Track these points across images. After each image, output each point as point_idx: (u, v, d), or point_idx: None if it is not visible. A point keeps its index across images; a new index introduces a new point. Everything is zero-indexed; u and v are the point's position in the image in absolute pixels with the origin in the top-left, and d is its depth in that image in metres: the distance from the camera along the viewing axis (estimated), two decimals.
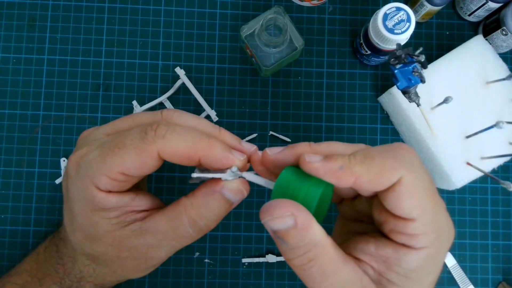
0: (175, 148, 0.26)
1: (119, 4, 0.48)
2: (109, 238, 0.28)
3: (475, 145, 0.42)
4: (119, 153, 0.26)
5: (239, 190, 0.27)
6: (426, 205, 0.23)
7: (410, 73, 0.36)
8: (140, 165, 0.26)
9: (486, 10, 0.46)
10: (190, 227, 0.27)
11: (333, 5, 0.50)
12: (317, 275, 0.23)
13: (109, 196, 0.27)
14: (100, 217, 0.28)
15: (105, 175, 0.26)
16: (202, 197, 0.27)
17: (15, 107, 0.47)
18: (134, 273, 0.31)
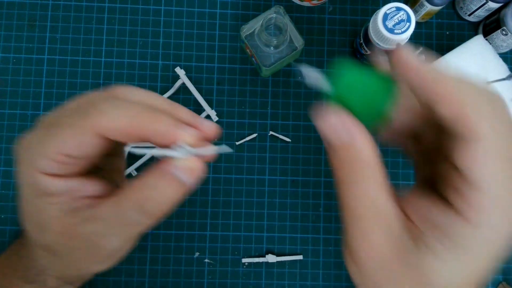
0: (112, 123, 0.23)
1: (119, 4, 0.49)
2: (57, 225, 0.25)
3: None
4: (55, 132, 0.24)
5: (191, 169, 0.24)
6: (498, 175, 0.19)
7: None
8: (78, 144, 0.24)
9: (486, 10, 0.46)
10: (136, 211, 0.24)
11: (333, 5, 0.50)
12: (356, 196, 0.21)
13: (54, 180, 0.24)
14: (46, 202, 0.25)
15: (45, 157, 0.24)
16: (149, 177, 0.24)
17: (15, 107, 0.47)
18: (91, 265, 0.28)
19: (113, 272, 0.45)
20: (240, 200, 0.47)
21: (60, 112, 0.26)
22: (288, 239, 0.47)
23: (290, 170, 0.47)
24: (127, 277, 0.45)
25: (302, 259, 0.46)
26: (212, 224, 0.47)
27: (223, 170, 0.47)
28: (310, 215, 0.47)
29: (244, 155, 0.47)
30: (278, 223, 0.47)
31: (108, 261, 0.28)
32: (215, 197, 0.47)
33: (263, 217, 0.47)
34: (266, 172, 0.47)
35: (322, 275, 0.46)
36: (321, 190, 0.47)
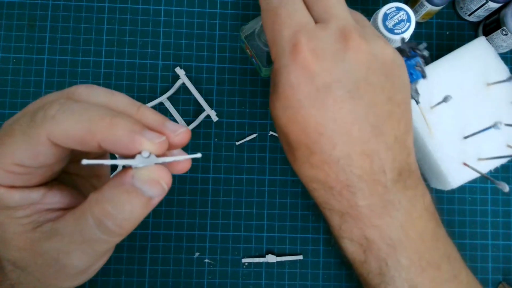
0: (65, 130, 0.21)
1: (119, 4, 0.48)
2: (19, 241, 0.23)
3: (472, 146, 0.42)
4: (7, 141, 0.22)
5: (154, 180, 0.21)
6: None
7: (413, 67, 0.36)
8: (31, 154, 0.21)
9: (486, 10, 0.46)
10: (96, 228, 0.22)
11: None
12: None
13: (11, 192, 0.22)
14: (5, 216, 0.23)
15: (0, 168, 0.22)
16: (108, 190, 0.22)
17: (15, 107, 0.47)
18: (60, 282, 0.26)
19: (113, 272, 0.45)
20: (240, 200, 0.47)
21: (15, 119, 0.23)
22: (288, 239, 0.47)
23: (290, 170, 0.47)
24: (127, 277, 0.45)
25: (302, 259, 0.46)
26: (212, 224, 0.47)
27: (223, 170, 0.47)
28: (310, 215, 0.47)
29: (244, 155, 0.47)
30: (278, 223, 0.47)
31: (79, 278, 0.26)
32: (215, 197, 0.47)
33: (263, 217, 0.47)
34: (266, 172, 0.47)
35: (322, 275, 0.46)
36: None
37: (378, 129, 0.29)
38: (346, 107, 0.28)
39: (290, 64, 0.28)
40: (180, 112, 0.48)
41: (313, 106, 0.28)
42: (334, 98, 0.28)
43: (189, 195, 0.47)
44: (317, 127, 0.28)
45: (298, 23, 0.29)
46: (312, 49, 0.27)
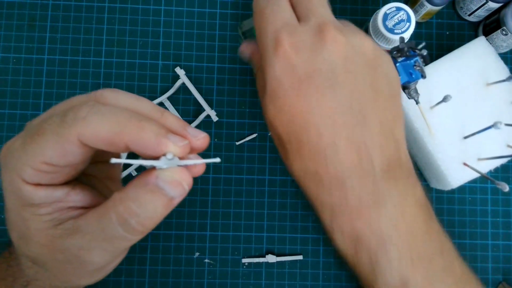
0: (95, 131, 0.22)
1: (119, 4, 0.49)
2: (41, 237, 0.24)
3: (472, 146, 0.42)
4: (38, 140, 0.23)
5: (176, 181, 0.23)
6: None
7: (412, 67, 0.36)
8: (61, 153, 0.22)
9: (486, 10, 0.46)
10: (119, 225, 0.23)
11: (333, 5, 0.49)
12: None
13: (37, 189, 0.24)
14: (30, 213, 0.24)
15: (28, 165, 0.23)
16: (132, 189, 0.23)
17: (15, 107, 0.47)
18: (78, 279, 0.27)
19: (113, 272, 0.45)
20: (240, 200, 0.47)
21: (44, 118, 0.24)
22: (288, 239, 0.47)
23: None
24: (127, 277, 0.45)
25: (302, 259, 0.46)
26: (212, 224, 0.47)
27: (223, 170, 0.47)
28: (310, 215, 0.47)
29: (244, 155, 0.47)
30: (278, 223, 0.47)
31: (96, 275, 0.27)
32: (215, 197, 0.47)
33: (263, 217, 0.47)
34: (266, 172, 0.47)
35: (322, 275, 0.46)
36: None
37: (362, 116, 0.29)
38: (327, 94, 0.29)
39: (273, 58, 0.30)
40: (180, 112, 0.48)
41: (297, 95, 0.29)
42: (316, 86, 0.29)
43: (189, 195, 0.46)
44: (303, 115, 0.29)
45: (281, 21, 0.31)
46: (292, 43, 0.29)
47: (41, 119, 0.24)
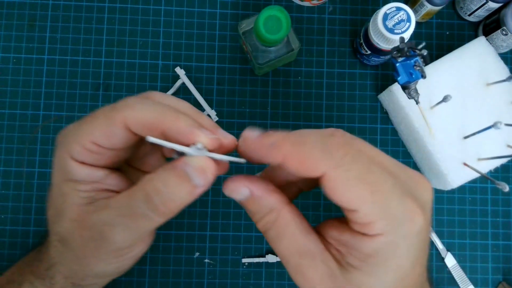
0: (139, 117, 0.25)
1: (119, 4, 0.48)
2: (74, 212, 0.27)
3: (472, 146, 0.42)
4: (90, 121, 0.26)
5: (202, 169, 0.25)
6: (363, 196, 0.23)
7: (412, 67, 0.36)
8: (107, 134, 0.26)
9: (486, 10, 0.46)
10: (144, 202, 0.25)
11: (333, 5, 0.50)
12: (274, 236, 0.25)
13: (81, 167, 0.26)
14: (70, 187, 0.27)
15: (78, 143, 0.26)
16: (161, 171, 0.25)
17: (15, 107, 0.47)
18: (97, 261, 0.28)
19: None
20: None
21: (100, 108, 0.28)
22: None
23: None
24: (127, 277, 0.45)
25: None
26: (212, 224, 0.47)
27: None
28: (310, 215, 0.47)
29: None
30: None
31: (113, 260, 0.28)
32: (215, 197, 0.47)
33: None
34: None
35: None
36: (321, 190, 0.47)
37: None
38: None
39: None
40: None
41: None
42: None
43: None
44: None
45: None
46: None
47: (96, 110, 0.27)
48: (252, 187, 0.26)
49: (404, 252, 0.24)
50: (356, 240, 0.24)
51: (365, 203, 0.23)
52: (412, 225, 0.24)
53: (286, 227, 0.25)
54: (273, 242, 0.26)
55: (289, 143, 0.24)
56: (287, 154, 0.24)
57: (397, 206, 0.23)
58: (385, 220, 0.23)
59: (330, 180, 0.23)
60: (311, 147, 0.24)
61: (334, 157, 0.23)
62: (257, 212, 0.26)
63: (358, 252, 0.24)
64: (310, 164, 0.23)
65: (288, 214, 0.26)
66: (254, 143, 0.26)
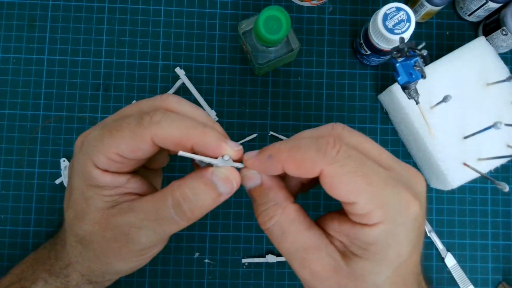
0: (168, 134, 0.26)
1: (119, 4, 0.48)
2: (97, 215, 0.28)
3: (472, 146, 0.42)
4: (116, 134, 0.27)
5: (228, 178, 0.27)
6: (359, 188, 0.24)
7: (412, 67, 0.36)
8: (134, 148, 0.27)
9: (486, 10, 0.46)
10: (172, 207, 0.27)
11: (333, 5, 0.50)
12: (279, 233, 0.26)
13: (104, 174, 0.28)
14: (94, 192, 0.28)
15: (102, 154, 0.27)
16: (189, 179, 0.27)
17: (15, 107, 0.47)
18: (117, 260, 0.30)
19: None
20: (240, 200, 0.47)
21: (117, 118, 0.29)
22: None
23: None
24: (127, 277, 0.45)
25: None
26: (212, 224, 0.47)
27: None
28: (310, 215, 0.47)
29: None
30: None
31: (134, 258, 0.30)
32: None
33: None
34: None
35: None
36: (321, 190, 0.47)
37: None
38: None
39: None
40: None
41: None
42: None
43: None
44: None
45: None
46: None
47: (115, 118, 0.29)
48: (264, 177, 0.28)
49: (402, 239, 0.25)
50: (356, 230, 0.25)
51: (362, 194, 0.24)
52: (408, 213, 0.25)
53: (291, 224, 0.26)
54: (278, 239, 0.27)
55: (284, 151, 0.26)
56: (285, 161, 0.26)
57: (392, 195, 0.25)
58: (382, 209, 0.24)
59: (327, 176, 0.25)
60: (306, 150, 0.25)
61: (328, 155, 0.25)
62: (263, 203, 0.27)
63: (359, 241, 0.25)
64: (307, 166, 0.25)
65: (293, 211, 0.27)
66: (254, 161, 0.27)
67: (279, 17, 0.38)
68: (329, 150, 0.25)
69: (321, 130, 0.28)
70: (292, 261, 0.27)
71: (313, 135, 0.27)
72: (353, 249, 0.26)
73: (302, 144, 0.26)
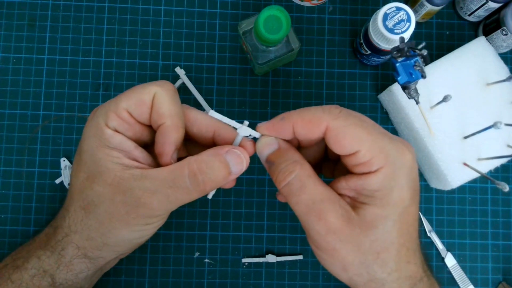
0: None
1: (119, 4, 0.48)
2: (109, 176, 0.30)
3: (472, 146, 0.42)
4: (127, 93, 0.31)
5: (240, 158, 0.31)
6: (361, 136, 0.28)
7: (412, 67, 0.36)
8: (139, 102, 0.30)
9: (486, 10, 0.46)
10: (188, 177, 0.29)
11: (333, 5, 0.50)
12: (297, 187, 0.29)
13: (114, 133, 0.30)
14: (104, 153, 0.30)
15: (113, 112, 0.30)
16: (206, 155, 0.30)
17: (15, 107, 0.47)
18: (121, 226, 0.31)
19: (113, 272, 0.45)
20: (240, 200, 0.47)
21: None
22: (288, 239, 0.47)
23: None
24: (127, 277, 0.45)
25: (302, 259, 0.46)
26: (212, 224, 0.47)
27: None
28: None
29: None
30: (278, 223, 0.47)
31: (139, 227, 0.31)
32: (215, 197, 0.47)
33: (263, 217, 0.47)
34: (266, 172, 0.47)
35: (322, 275, 0.46)
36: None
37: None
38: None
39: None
40: None
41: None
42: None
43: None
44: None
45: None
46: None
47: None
48: (280, 142, 0.31)
49: (403, 182, 0.28)
50: (362, 181, 0.28)
51: (364, 142, 0.28)
52: (405, 159, 0.28)
53: (309, 177, 0.29)
54: (297, 192, 0.29)
55: (295, 113, 0.30)
56: (295, 121, 0.29)
57: (389, 144, 0.28)
58: (383, 154, 0.28)
59: (332, 130, 0.28)
60: (313, 110, 0.29)
61: (332, 113, 0.29)
62: (282, 161, 0.30)
63: (366, 190, 0.28)
64: (314, 123, 0.28)
65: (309, 167, 0.30)
66: (268, 125, 0.31)
67: (279, 17, 0.39)
68: (333, 110, 0.29)
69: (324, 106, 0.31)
70: (309, 215, 0.29)
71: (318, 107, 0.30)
72: (361, 199, 0.29)
73: (309, 108, 0.30)
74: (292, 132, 0.30)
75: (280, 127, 0.30)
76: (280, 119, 0.30)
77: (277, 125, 0.30)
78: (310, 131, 0.29)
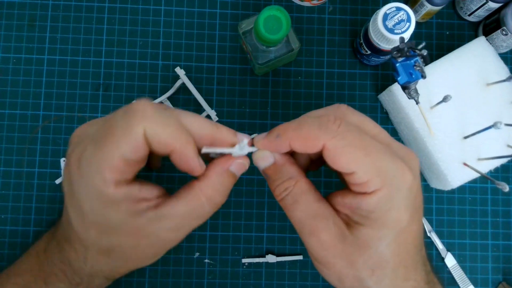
0: (160, 127, 0.27)
1: (119, 4, 0.48)
2: (125, 228, 0.29)
3: (472, 146, 0.42)
4: (111, 139, 0.27)
5: (243, 165, 0.31)
6: (358, 158, 0.27)
7: (412, 67, 0.36)
8: (134, 149, 0.27)
9: (486, 10, 0.46)
10: (207, 204, 0.30)
11: (333, 5, 0.50)
12: (291, 203, 0.29)
13: (117, 189, 0.28)
14: (113, 210, 0.28)
15: (107, 166, 0.27)
16: (215, 176, 0.30)
17: (15, 107, 0.47)
18: (148, 260, 0.32)
19: None
20: (240, 200, 0.47)
21: (107, 121, 0.28)
22: (288, 239, 0.47)
23: None
24: (127, 277, 0.45)
25: (302, 259, 0.46)
26: (212, 224, 0.47)
27: None
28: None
29: None
30: (278, 223, 0.47)
31: (159, 256, 0.32)
32: None
33: (263, 217, 0.47)
34: None
35: None
36: (321, 191, 0.47)
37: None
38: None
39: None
40: None
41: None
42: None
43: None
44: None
45: None
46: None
47: (99, 126, 0.29)
48: (276, 155, 0.31)
49: (400, 204, 0.27)
50: (358, 200, 0.27)
51: (360, 164, 0.27)
52: (404, 180, 0.27)
53: (302, 194, 0.29)
54: (290, 208, 0.30)
55: (290, 130, 0.29)
56: (291, 139, 0.28)
57: (388, 164, 0.27)
58: (380, 177, 0.27)
59: (329, 149, 0.27)
60: (309, 128, 0.28)
61: (330, 130, 0.27)
62: (277, 178, 0.30)
63: (361, 210, 0.27)
64: (311, 141, 0.27)
65: (304, 184, 0.30)
66: (264, 142, 0.30)
67: (279, 17, 0.39)
68: (330, 126, 0.27)
69: (327, 109, 0.30)
70: (302, 230, 0.29)
71: (318, 114, 0.29)
72: (356, 218, 0.28)
73: (306, 122, 0.28)
74: (288, 146, 0.29)
75: (276, 144, 0.30)
76: (275, 136, 0.29)
77: (273, 143, 0.30)
78: (307, 148, 0.28)
